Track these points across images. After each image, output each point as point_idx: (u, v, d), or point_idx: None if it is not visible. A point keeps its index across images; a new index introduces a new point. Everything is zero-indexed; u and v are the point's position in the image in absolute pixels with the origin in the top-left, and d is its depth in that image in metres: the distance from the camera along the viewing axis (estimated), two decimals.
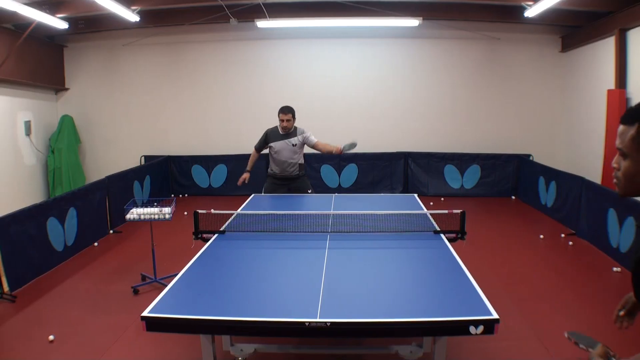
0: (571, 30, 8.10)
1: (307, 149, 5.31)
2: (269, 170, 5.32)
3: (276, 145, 5.15)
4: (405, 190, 8.61)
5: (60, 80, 8.90)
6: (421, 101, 8.86)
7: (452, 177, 8.67)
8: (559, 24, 8.04)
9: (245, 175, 5.23)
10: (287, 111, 5.11)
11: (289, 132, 5.15)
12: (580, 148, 8.04)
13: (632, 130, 1.30)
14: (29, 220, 4.83)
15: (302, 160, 5.31)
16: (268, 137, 5.20)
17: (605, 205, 5.40)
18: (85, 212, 5.91)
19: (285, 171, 5.19)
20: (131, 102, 9.08)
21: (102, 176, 6.79)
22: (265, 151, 5.33)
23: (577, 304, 4.16)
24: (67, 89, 9.01)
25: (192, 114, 9.08)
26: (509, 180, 8.55)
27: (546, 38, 8.52)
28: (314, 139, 5.21)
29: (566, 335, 1.81)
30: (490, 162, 8.59)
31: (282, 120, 5.10)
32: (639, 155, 1.32)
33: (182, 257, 3.43)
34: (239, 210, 4.20)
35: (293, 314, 2.21)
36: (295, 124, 5.21)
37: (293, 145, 5.14)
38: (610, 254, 5.26)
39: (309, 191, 5.32)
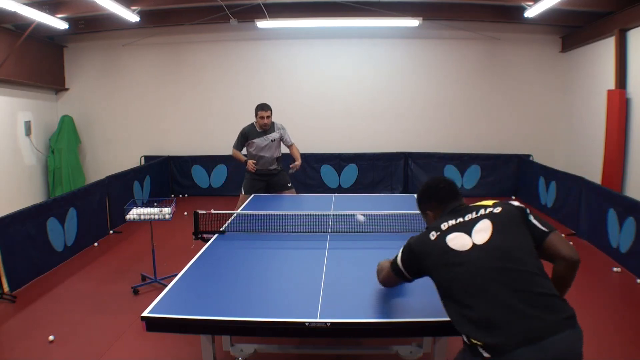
0: (571, 31, 8.10)
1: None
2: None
3: (255, 142, 5.14)
4: (405, 190, 8.60)
5: (60, 80, 8.90)
6: (421, 101, 8.85)
7: (452, 177, 8.46)
8: (559, 24, 8.04)
9: (250, 162, 5.13)
10: (267, 108, 5.09)
11: (267, 128, 5.14)
12: (580, 148, 8.04)
13: None
14: (29, 220, 4.83)
15: (279, 154, 5.30)
16: (247, 135, 5.17)
17: (605, 205, 5.39)
18: (85, 212, 5.91)
19: (264, 167, 5.20)
20: (131, 102, 9.07)
21: (102, 176, 6.79)
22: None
23: (577, 304, 4.11)
24: (67, 89, 9.01)
25: (192, 114, 9.08)
26: (509, 180, 8.55)
27: (546, 38, 8.52)
28: (291, 139, 5.27)
29: None
30: (490, 162, 8.59)
31: (262, 117, 5.05)
32: (423, 216, 2.24)
33: (182, 257, 3.43)
34: (239, 210, 4.20)
35: (293, 314, 2.21)
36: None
37: (272, 140, 5.16)
38: (610, 254, 5.26)
39: (289, 185, 5.31)
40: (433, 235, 1.96)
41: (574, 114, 8.31)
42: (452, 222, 1.97)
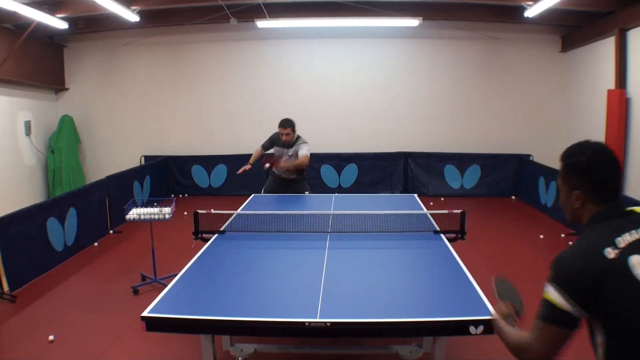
0: (571, 30, 8.10)
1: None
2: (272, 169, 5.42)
3: (276, 151, 5.33)
4: (405, 190, 8.60)
5: (60, 80, 8.90)
6: (421, 101, 8.85)
7: (452, 177, 8.66)
8: (559, 24, 8.04)
9: (247, 167, 5.27)
10: (286, 125, 5.19)
11: (290, 143, 5.25)
12: None
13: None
14: (29, 220, 4.83)
15: None
16: (273, 142, 5.36)
17: None
18: (85, 212, 5.91)
19: (283, 173, 5.35)
20: (131, 102, 9.07)
21: (102, 176, 6.79)
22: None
23: None
24: (67, 89, 9.01)
25: (192, 113, 9.08)
26: (509, 180, 8.54)
27: (546, 38, 8.52)
28: (302, 153, 5.21)
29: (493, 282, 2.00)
30: (490, 162, 8.59)
31: (282, 134, 5.21)
32: (562, 187, 1.65)
33: (182, 257, 3.43)
34: (239, 210, 4.20)
35: (293, 314, 2.22)
36: (299, 134, 5.31)
37: (289, 155, 5.29)
38: None
39: (307, 192, 5.45)
40: (609, 252, 1.39)
41: (573, 114, 8.30)
42: (627, 236, 1.42)
